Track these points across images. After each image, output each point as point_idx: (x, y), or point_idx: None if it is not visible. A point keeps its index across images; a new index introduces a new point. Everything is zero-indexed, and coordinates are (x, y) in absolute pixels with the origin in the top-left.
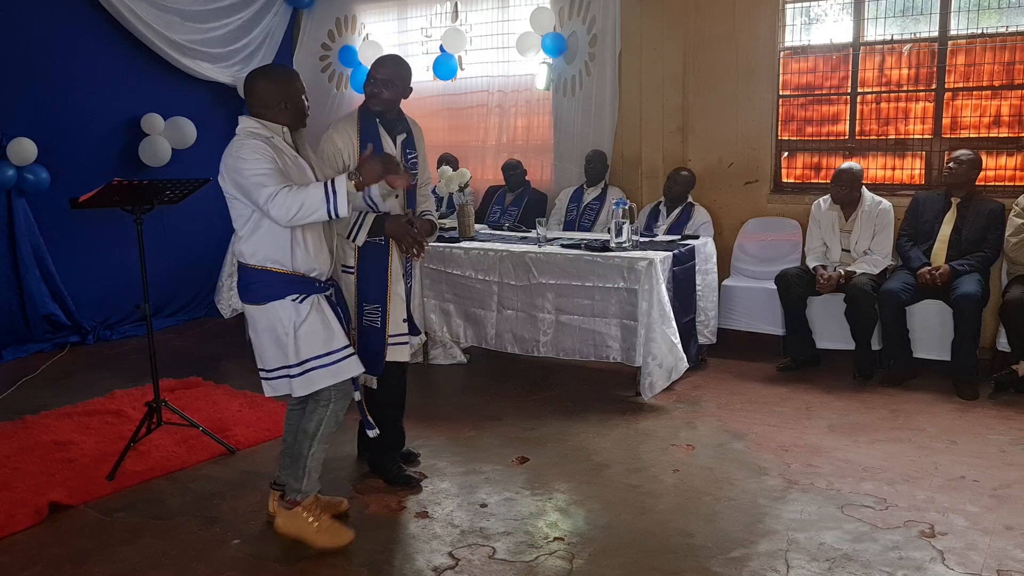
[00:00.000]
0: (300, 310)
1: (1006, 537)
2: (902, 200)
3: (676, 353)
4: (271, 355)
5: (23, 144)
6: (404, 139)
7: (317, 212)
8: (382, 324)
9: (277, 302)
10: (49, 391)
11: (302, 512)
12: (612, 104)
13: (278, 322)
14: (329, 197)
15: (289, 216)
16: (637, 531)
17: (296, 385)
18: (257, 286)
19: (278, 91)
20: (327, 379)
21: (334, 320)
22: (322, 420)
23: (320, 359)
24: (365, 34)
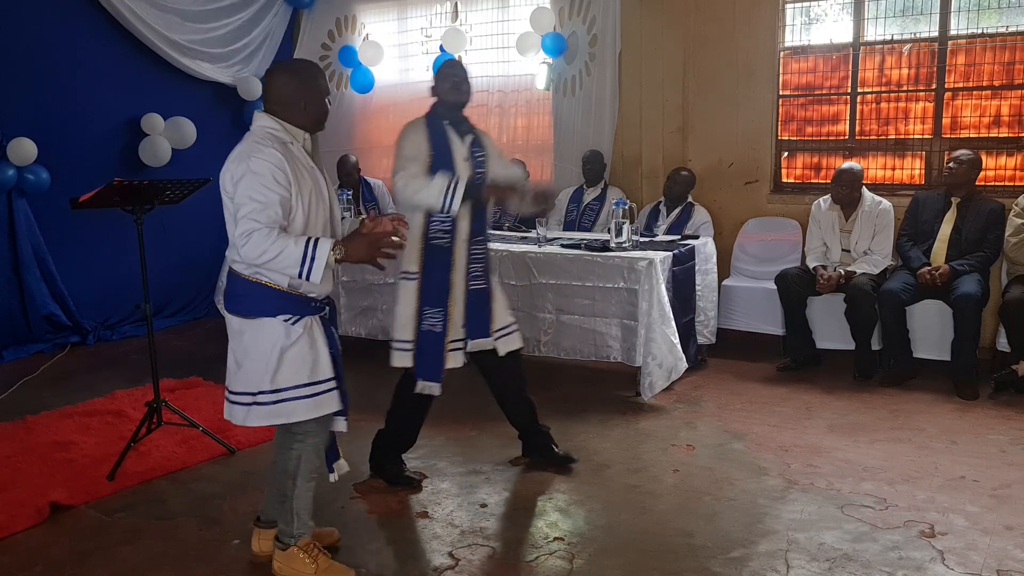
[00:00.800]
0: (291, 333)
1: (1006, 537)
2: (902, 200)
3: (676, 353)
4: (244, 377)
5: (23, 144)
6: (472, 140)
7: (288, 269)
8: (443, 329)
9: (266, 319)
10: (49, 391)
11: (299, 553)
12: (612, 104)
13: (262, 342)
14: (306, 261)
15: (257, 260)
16: (637, 531)
17: (260, 413)
18: (246, 299)
19: (299, 89)
20: (305, 412)
21: (323, 347)
22: (300, 457)
23: (299, 389)
24: (365, 34)
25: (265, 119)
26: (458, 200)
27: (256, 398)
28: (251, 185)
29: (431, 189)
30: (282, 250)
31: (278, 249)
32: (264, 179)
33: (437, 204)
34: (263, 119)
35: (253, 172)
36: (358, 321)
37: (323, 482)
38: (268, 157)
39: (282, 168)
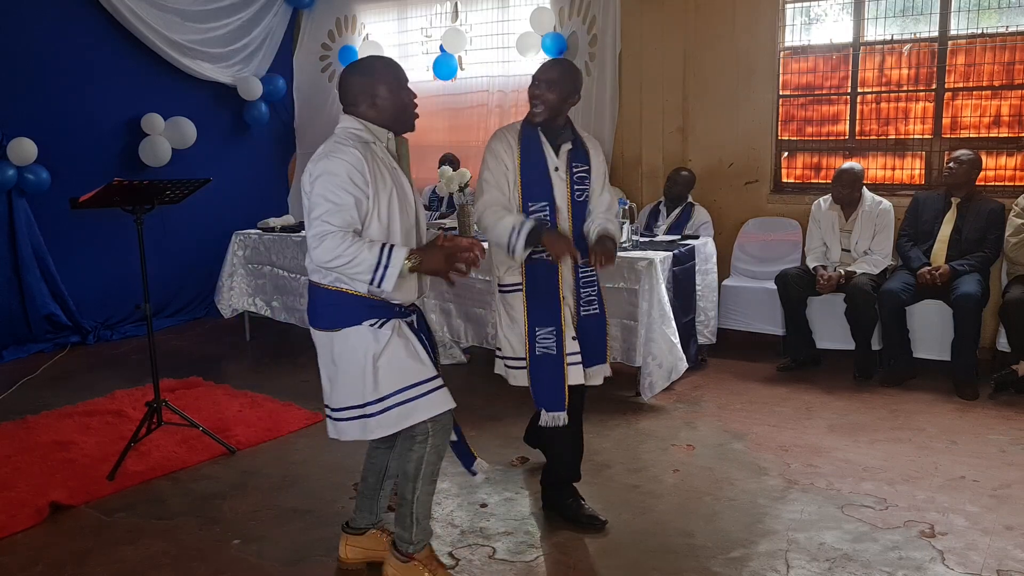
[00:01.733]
0: (379, 337)
1: (1006, 537)
2: (902, 200)
3: (676, 353)
4: (342, 392)
5: (23, 144)
6: (570, 150)
7: (360, 276)
8: (559, 350)
9: (352, 328)
10: (50, 391)
11: (420, 568)
12: (612, 104)
13: (353, 351)
14: (379, 268)
15: (329, 263)
16: (637, 531)
17: (375, 425)
18: (329, 310)
19: (364, 84)
20: (424, 411)
21: (420, 348)
22: (422, 458)
23: (408, 391)
24: (365, 34)
25: (347, 120)
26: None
27: (364, 410)
28: (326, 186)
29: (498, 229)
30: (355, 255)
31: (352, 255)
32: (340, 180)
33: (504, 245)
34: (345, 120)
35: (329, 172)
36: None
37: (323, 482)
38: (346, 156)
39: (360, 169)
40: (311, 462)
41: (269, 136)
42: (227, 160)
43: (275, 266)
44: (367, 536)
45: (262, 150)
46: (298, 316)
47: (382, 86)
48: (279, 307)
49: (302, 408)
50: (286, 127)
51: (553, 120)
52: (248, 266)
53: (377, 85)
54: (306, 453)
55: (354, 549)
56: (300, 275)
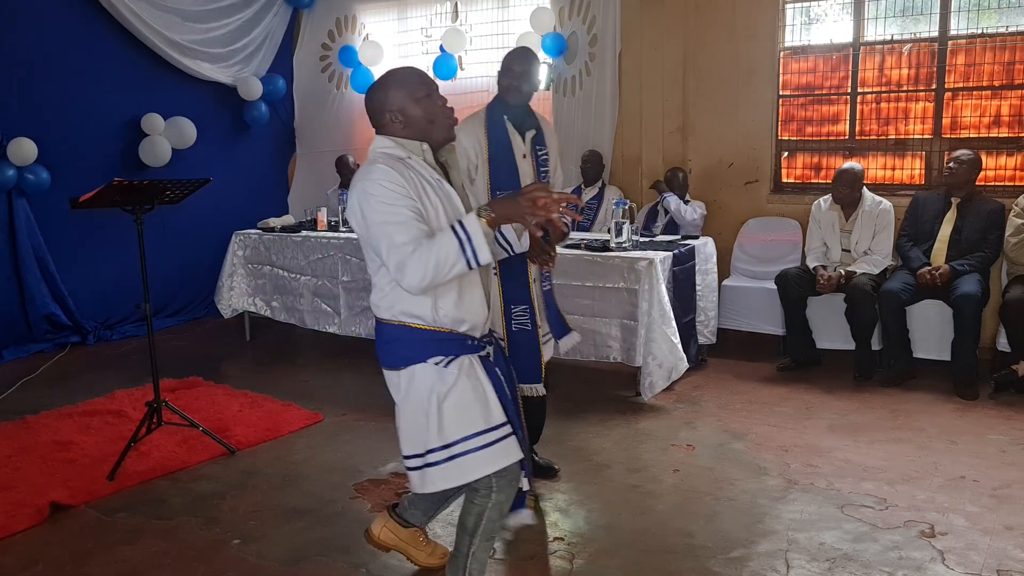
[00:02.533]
0: (445, 377)
1: (1006, 537)
2: (902, 200)
3: (676, 353)
4: (409, 435)
5: (23, 144)
6: (534, 136)
7: (455, 266)
8: (533, 325)
9: (418, 366)
10: (49, 391)
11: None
12: (612, 104)
13: (418, 391)
14: (464, 243)
15: (422, 284)
16: (637, 531)
17: (438, 476)
18: (395, 346)
19: (384, 98)
20: (485, 466)
21: (490, 389)
22: (482, 514)
23: (473, 440)
24: (365, 34)
25: (378, 140)
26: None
27: (426, 458)
28: (377, 210)
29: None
30: (438, 256)
31: (434, 257)
32: (384, 197)
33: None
34: (376, 141)
35: (372, 193)
36: (358, 321)
37: (323, 482)
38: (377, 174)
39: (392, 179)
40: (311, 462)
41: (269, 136)
42: (227, 160)
43: (275, 266)
44: (408, 531)
45: (262, 150)
46: (298, 316)
47: (403, 98)
48: (279, 307)
49: (302, 408)
50: (286, 127)
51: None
52: (248, 266)
53: (397, 98)
54: (306, 453)
55: (390, 535)
56: (300, 275)
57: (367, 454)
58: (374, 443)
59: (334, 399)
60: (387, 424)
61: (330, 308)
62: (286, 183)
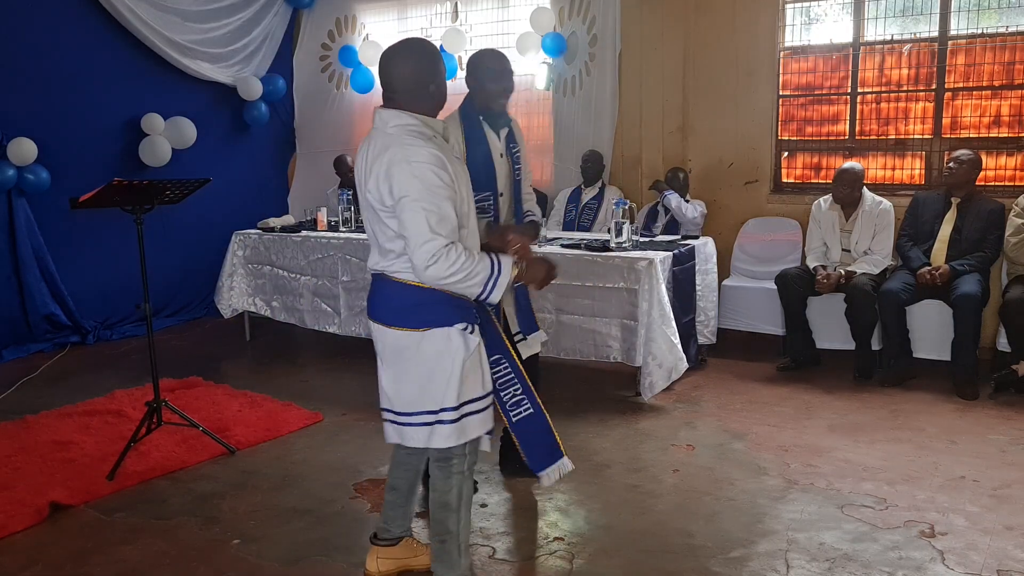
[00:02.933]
0: (470, 343)
1: (1006, 537)
2: (902, 200)
3: (676, 353)
4: (419, 395)
5: (23, 144)
6: (507, 134)
7: (472, 289)
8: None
9: (444, 329)
10: (49, 391)
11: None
12: (612, 104)
13: (442, 355)
14: (491, 279)
15: (444, 280)
16: (637, 531)
17: (448, 433)
18: (420, 308)
19: (423, 69)
20: (477, 428)
21: (485, 359)
22: (460, 486)
23: (476, 403)
24: (365, 34)
25: (401, 116)
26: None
27: (439, 416)
28: (422, 194)
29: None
30: (470, 270)
31: (467, 269)
32: (432, 183)
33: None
34: (398, 116)
35: (416, 177)
36: (358, 321)
37: (323, 482)
38: (428, 159)
39: (444, 167)
40: (311, 462)
41: (269, 136)
42: (227, 160)
43: (275, 266)
44: (400, 546)
45: (262, 150)
46: (298, 316)
47: (440, 73)
48: (279, 307)
49: (302, 408)
50: (286, 127)
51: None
52: (248, 266)
53: (436, 71)
54: (306, 453)
55: (387, 561)
56: (300, 275)
57: (367, 454)
58: (374, 443)
59: (334, 399)
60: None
61: (330, 308)
62: (286, 183)
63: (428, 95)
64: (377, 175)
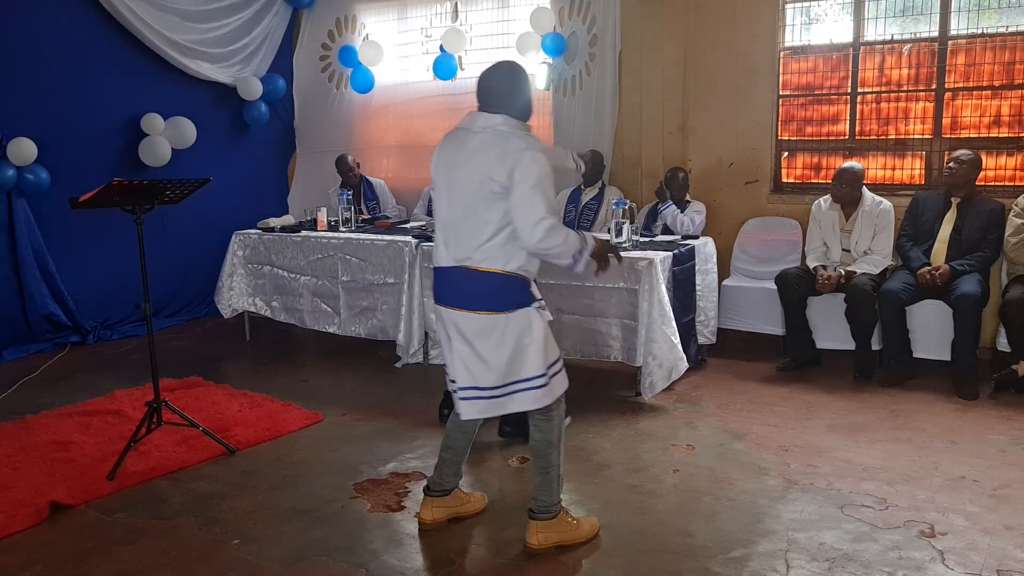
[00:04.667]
0: (544, 316)
1: (1006, 537)
2: (902, 200)
3: (676, 353)
4: (502, 369)
5: (23, 144)
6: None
7: (564, 256)
8: None
9: (525, 309)
10: (49, 391)
11: (565, 516)
12: (612, 104)
13: (526, 331)
14: (581, 251)
15: (549, 249)
16: (637, 531)
17: (543, 395)
18: (507, 293)
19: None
20: (562, 384)
21: None
22: (559, 427)
23: (557, 364)
24: (365, 34)
25: (508, 120)
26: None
27: (530, 383)
28: (543, 184)
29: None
30: (567, 239)
31: (565, 239)
32: (549, 179)
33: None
34: (506, 120)
35: (539, 167)
36: (358, 321)
37: (323, 482)
38: (545, 153)
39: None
40: (311, 462)
41: (269, 136)
42: (227, 160)
43: (275, 266)
44: (452, 496)
45: (262, 150)
46: (298, 316)
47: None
48: (279, 307)
49: (302, 408)
50: (286, 127)
51: None
52: (248, 266)
53: (526, 89)
54: (306, 453)
55: (440, 510)
56: (300, 275)
57: (367, 454)
58: (374, 443)
59: (334, 399)
60: (387, 424)
61: (330, 308)
62: (286, 183)
63: (521, 108)
64: (491, 161)
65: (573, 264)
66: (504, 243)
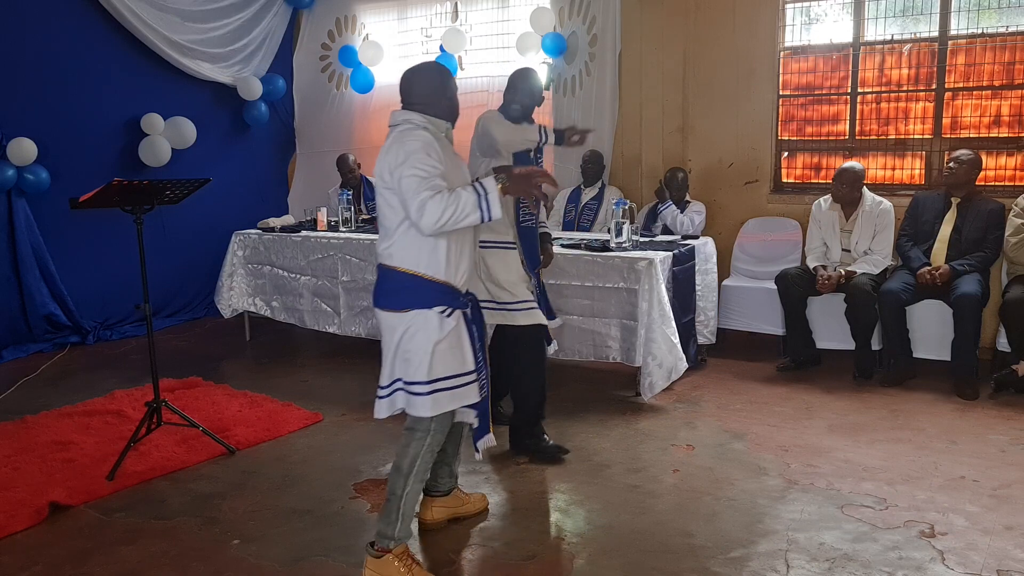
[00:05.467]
0: (444, 325)
1: (1006, 537)
2: (902, 200)
3: (676, 353)
4: (393, 367)
5: (23, 144)
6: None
7: (469, 216)
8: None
9: (421, 311)
10: (49, 391)
11: (393, 561)
12: (612, 104)
13: (416, 333)
14: (481, 198)
15: (438, 224)
16: (637, 531)
17: (420, 404)
18: (402, 291)
19: (437, 84)
20: (448, 403)
21: (467, 340)
22: (418, 455)
23: (448, 380)
24: (365, 34)
25: (409, 114)
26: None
27: (410, 387)
28: (411, 164)
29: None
30: (457, 203)
31: (454, 203)
32: (420, 156)
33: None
34: (407, 114)
35: (409, 152)
36: (358, 321)
37: (323, 482)
38: (418, 137)
39: (432, 146)
40: (311, 462)
41: (269, 136)
42: (227, 160)
43: (275, 266)
44: (452, 496)
45: (262, 150)
46: (298, 316)
47: (451, 86)
48: (279, 307)
49: (302, 408)
50: (286, 127)
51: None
52: (248, 266)
53: (447, 85)
54: (306, 453)
55: (440, 510)
56: (300, 275)
57: (367, 454)
58: (374, 443)
59: (334, 399)
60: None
61: (330, 308)
62: (286, 183)
63: (443, 103)
64: (381, 162)
65: (483, 216)
66: (403, 236)
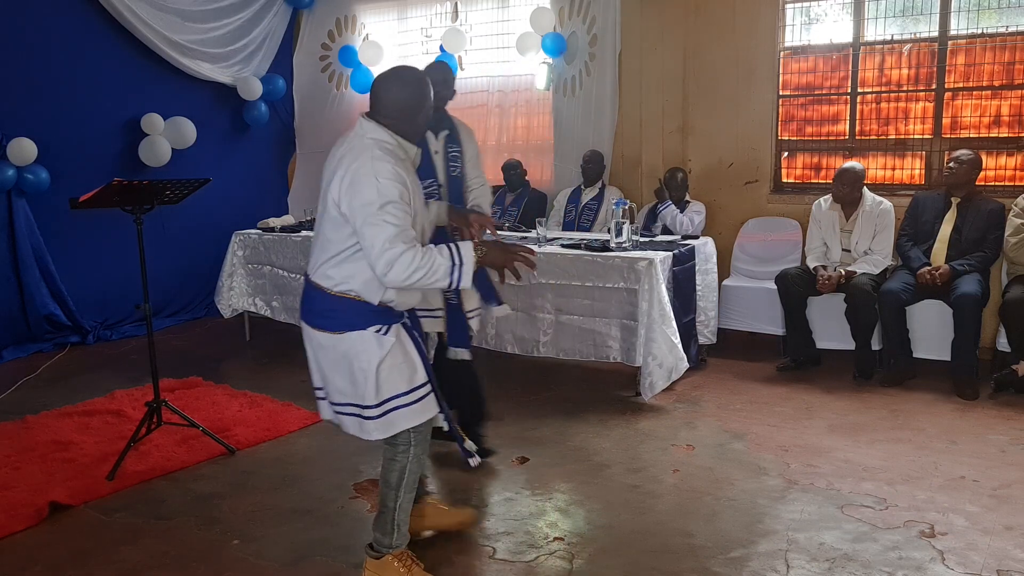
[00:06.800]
0: (384, 343)
1: (1006, 537)
2: (902, 200)
3: (676, 353)
4: (344, 389)
5: (23, 144)
6: (447, 135)
7: (439, 282)
8: (458, 301)
9: (356, 332)
10: (49, 391)
11: (393, 562)
12: (612, 104)
13: (356, 356)
14: (455, 268)
15: (406, 281)
16: (637, 531)
17: (373, 428)
18: (335, 314)
19: (413, 101)
20: (408, 420)
21: (413, 351)
22: (405, 468)
23: (401, 398)
24: (365, 34)
25: (379, 131)
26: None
27: (363, 411)
28: (387, 211)
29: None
30: (431, 265)
31: (427, 266)
32: (391, 193)
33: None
34: (378, 131)
35: (384, 195)
36: None
37: (323, 482)
38: (390, 168)
39: (406, 186)
40: (311, 462)
41: (269, 136)
42: (227, 160)
43: (275, 266)
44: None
45: (262, 150)
46: (297, 316)
47: (428, 106)
48: (279, 307)
49: (301, 408)
50: (286, 127)
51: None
52: (248, 266)
53: (425, 105)
54: (306, 453)
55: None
56: (300, 275)
57: (367, 454)
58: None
59: None
60: None
61: None
62: (286, 183)
63: (414, 123)
64: (342, 179)
65: (452, 283)
66: (344, 262)
